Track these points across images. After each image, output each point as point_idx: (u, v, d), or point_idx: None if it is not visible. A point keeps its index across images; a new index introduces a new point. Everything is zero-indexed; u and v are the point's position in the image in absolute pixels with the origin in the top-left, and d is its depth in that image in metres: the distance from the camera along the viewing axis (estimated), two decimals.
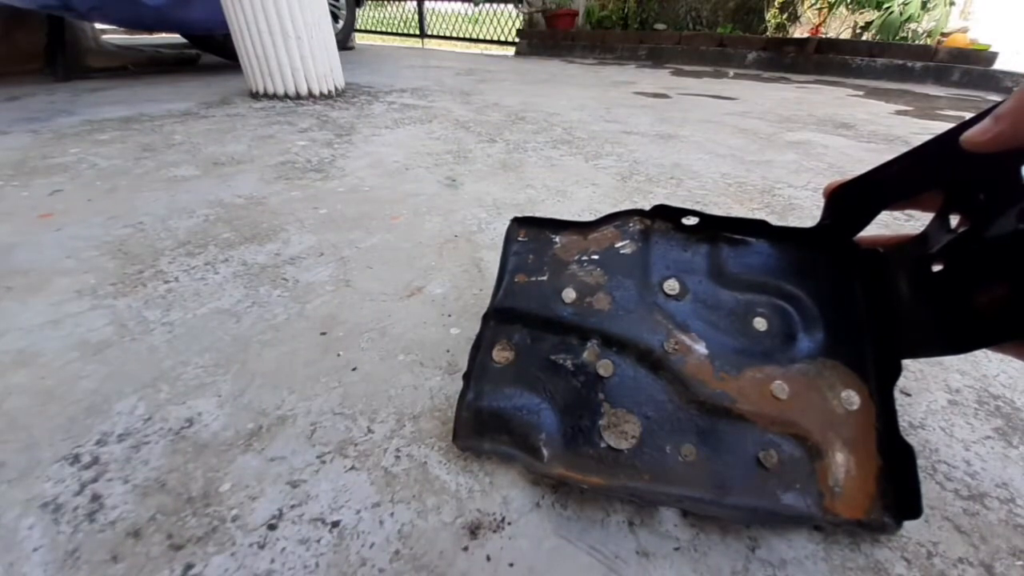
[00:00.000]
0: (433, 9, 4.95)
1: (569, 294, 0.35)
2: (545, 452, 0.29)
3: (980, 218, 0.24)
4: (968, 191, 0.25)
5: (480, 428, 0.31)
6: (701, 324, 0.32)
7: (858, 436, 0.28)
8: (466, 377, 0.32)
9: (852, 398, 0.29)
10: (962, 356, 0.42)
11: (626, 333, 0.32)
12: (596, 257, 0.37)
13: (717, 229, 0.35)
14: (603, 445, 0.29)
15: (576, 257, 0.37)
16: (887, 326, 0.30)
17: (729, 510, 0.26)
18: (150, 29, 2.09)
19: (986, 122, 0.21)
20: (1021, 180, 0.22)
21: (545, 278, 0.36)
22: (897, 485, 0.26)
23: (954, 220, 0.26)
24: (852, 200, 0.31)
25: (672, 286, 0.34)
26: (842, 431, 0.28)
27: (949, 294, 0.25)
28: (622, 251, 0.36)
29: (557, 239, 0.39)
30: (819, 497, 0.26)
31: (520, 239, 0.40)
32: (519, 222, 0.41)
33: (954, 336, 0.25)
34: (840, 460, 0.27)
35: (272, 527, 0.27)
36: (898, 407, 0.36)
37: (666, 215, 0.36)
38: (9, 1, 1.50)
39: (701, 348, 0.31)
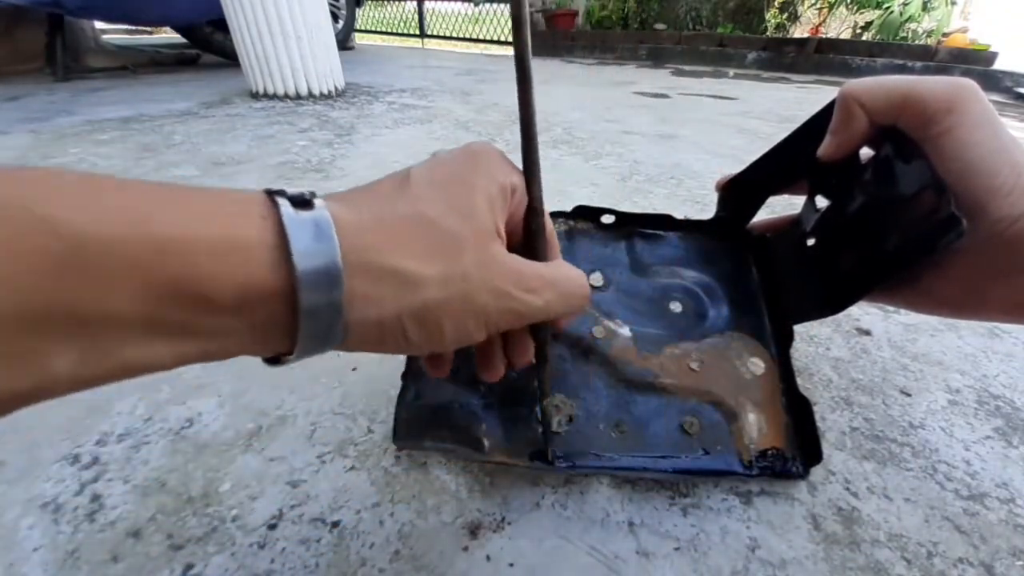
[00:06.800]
0: (433, 9, 4.95)
1: None
2: (486, 442, 0.29)
3: (836, 196, 0.29)
4: (825, 178, 0.30)
5: (421, 426, 0.31)
6: (624, 311, 0.35)
7: (765, 397, 0.31)
8: (404, 376, 0.32)
9: (757, 364, 0.32)
10: (962, 356, 0.43)
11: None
12: None
13: (631, 225, 0.39)
14: (540, 430, 0.29)
15: None
16: (777, 298, 0.34)
17: (660, 473, 0.29)
18: (141, 24, 2.09)
19: (827, 138, 0.27)
20: (859, 162, 0.27)
21: None
22: (800, 435, 0.30)
23: (821, 201, 0.30)
24: (738, 194, 0.36)
25: (596, 279, 0.37)
26: (751, 394, 0.31)
27: (821, 263, 0.30)
28: None
29: None
30: (738, 455, 0.29)
31: None
32: None
33: (830, 298, 0.29)
34: (752, 420, 0.30)
35: (272, 527, 0.27)
36: (899, 407, 0.37)
37: (586, 215, 0.39)
38: None
39: (625, 332, 0.34)
